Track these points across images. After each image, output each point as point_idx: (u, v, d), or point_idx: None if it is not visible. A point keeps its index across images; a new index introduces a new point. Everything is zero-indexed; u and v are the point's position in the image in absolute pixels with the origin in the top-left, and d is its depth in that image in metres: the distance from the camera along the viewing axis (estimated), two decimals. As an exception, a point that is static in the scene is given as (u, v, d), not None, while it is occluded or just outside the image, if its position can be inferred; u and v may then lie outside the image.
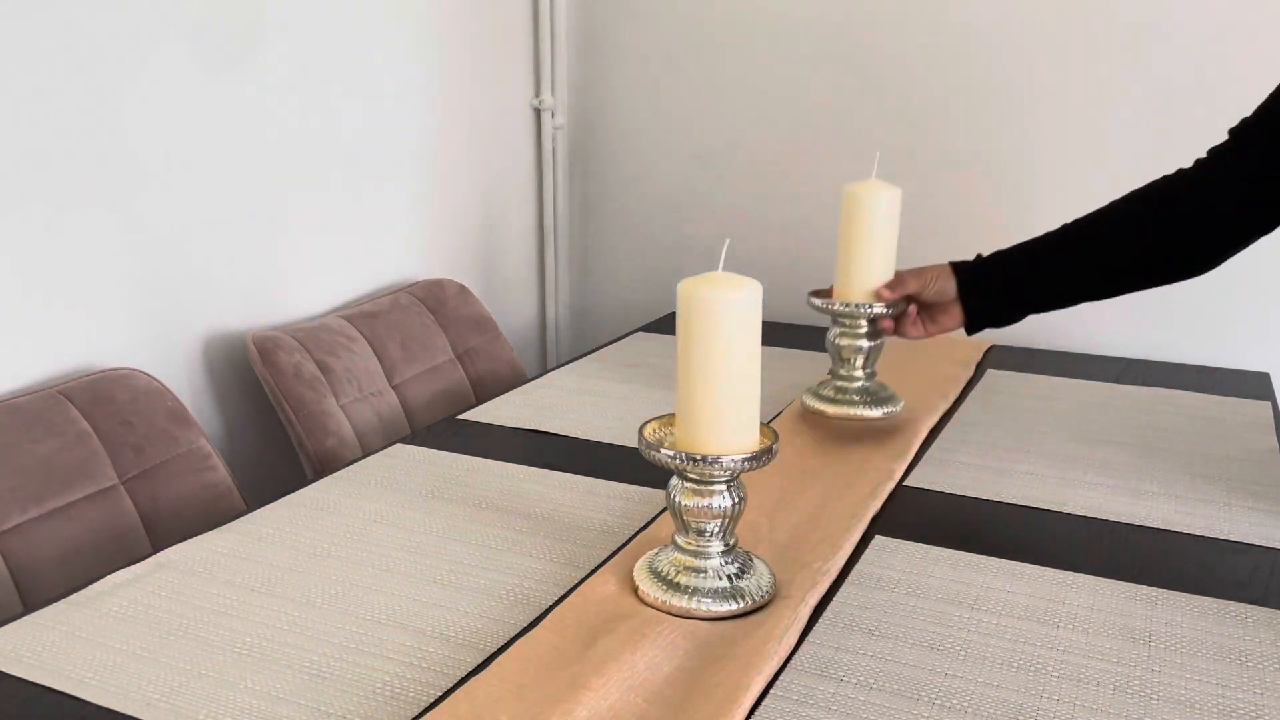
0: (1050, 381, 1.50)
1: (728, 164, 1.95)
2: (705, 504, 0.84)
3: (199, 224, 1.36)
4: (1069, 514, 1.06)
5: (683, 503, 0.84)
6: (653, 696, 0.73)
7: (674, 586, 0.85)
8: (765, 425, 0.87)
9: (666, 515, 1.02)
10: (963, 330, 1.23)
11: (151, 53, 1.27)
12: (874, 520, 1.03)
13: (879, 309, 1.24)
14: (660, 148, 2.00)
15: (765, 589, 0.85)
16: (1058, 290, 1.19)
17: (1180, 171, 1.12)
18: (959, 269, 1.21)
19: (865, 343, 1.27)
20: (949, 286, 1.21)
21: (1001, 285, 1.20)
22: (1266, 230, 1.07)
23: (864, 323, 1.26)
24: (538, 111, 2.02)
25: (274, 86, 1.44)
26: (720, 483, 0.84)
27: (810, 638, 0.82)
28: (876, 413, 1.26)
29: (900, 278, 1.23)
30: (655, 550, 0.90)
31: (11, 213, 1.14)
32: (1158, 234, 1.11)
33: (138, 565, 0.92)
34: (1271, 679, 0.77)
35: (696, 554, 0.86)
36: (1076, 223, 1.17)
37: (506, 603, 0.86)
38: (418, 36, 1.70)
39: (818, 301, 1.26)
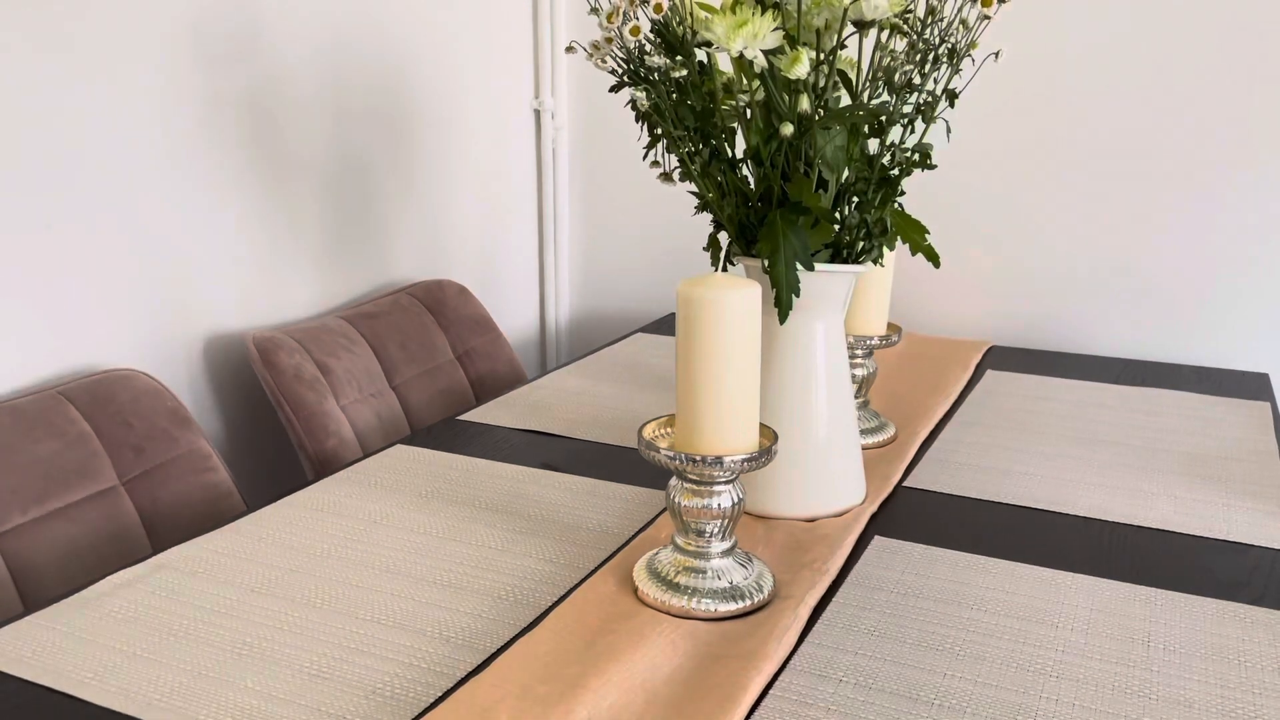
0: (1050, 381, 1.50)
1: (727, 164, 1.95)
2: (705, 504, 0.84)
3: (199, 224, 1.36)
4: (1069, 514, 1.06)
5: (683, 503, 0.84)
6: (653, 696, 0.73)
7: (674, 587, 0.85)
8: (765, 425, 0.87)
9: (666, 515, 1.02)
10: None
11: (151, 52, 1.27)
12: (874, 520, 1.03)
13: (875, 342, 1.25)
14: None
15: (765, 589, 0.85)
16: None
17: None
18: None
19: (858, 373, 1.26)
20: None
21: None
22: None
23: (859, 354, 1.26)
24: (538, 112, 2.02)
25: (273, 86, 1.44)
26: (720, 483, 0.84)
27: (810, 638, 0.82)
28: (867, 441, 1.25)
29: None
30: (655, 550, 0.90)
31: (12, 212, 1.14)
32: None
33: (138, 566, 0.92)
34: (1270, 679, 0.77)
35: (696, 554, 0.86)
36: None
37: (506, 603, 0.86)
38: (418, 36, 1.70)
39: None
